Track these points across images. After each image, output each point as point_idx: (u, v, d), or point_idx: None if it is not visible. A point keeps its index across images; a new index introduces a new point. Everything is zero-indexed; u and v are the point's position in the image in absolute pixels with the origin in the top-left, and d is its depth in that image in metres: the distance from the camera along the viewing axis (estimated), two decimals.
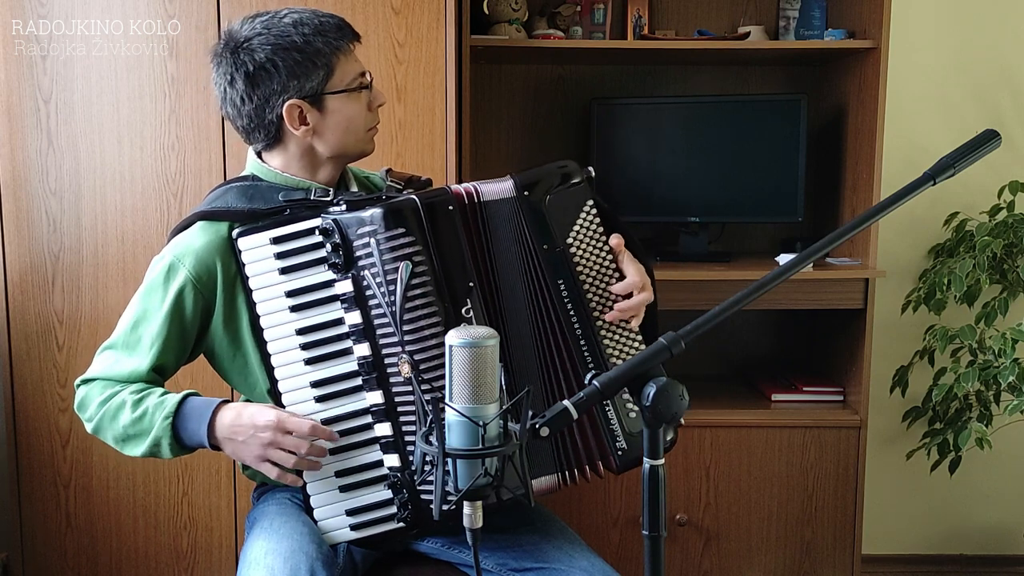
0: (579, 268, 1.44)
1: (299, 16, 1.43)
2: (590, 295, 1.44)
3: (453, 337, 1.00)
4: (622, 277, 1.45)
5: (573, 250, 1.44)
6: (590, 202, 1.46)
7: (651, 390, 1.02)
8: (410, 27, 2.11)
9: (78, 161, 2.14)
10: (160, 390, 1.42)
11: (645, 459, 1.04)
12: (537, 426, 1.01)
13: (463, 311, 1.37)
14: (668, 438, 1.40)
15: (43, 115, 2.13)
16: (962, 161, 1.18)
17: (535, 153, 2.74)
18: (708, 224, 2.59)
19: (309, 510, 1.42)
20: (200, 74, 2.12)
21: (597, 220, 1.46)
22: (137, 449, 1.41)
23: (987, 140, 1.20)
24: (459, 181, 2.19)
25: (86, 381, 1.47)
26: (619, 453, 1.43)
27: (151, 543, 2.24)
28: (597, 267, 1.45)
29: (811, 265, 1.86)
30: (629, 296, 1.44)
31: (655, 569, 1.05)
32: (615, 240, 1.45)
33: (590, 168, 1.47)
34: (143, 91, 2.13)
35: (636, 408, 1.40)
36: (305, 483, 1.41)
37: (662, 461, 1.04)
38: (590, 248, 1.45)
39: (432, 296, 1.35)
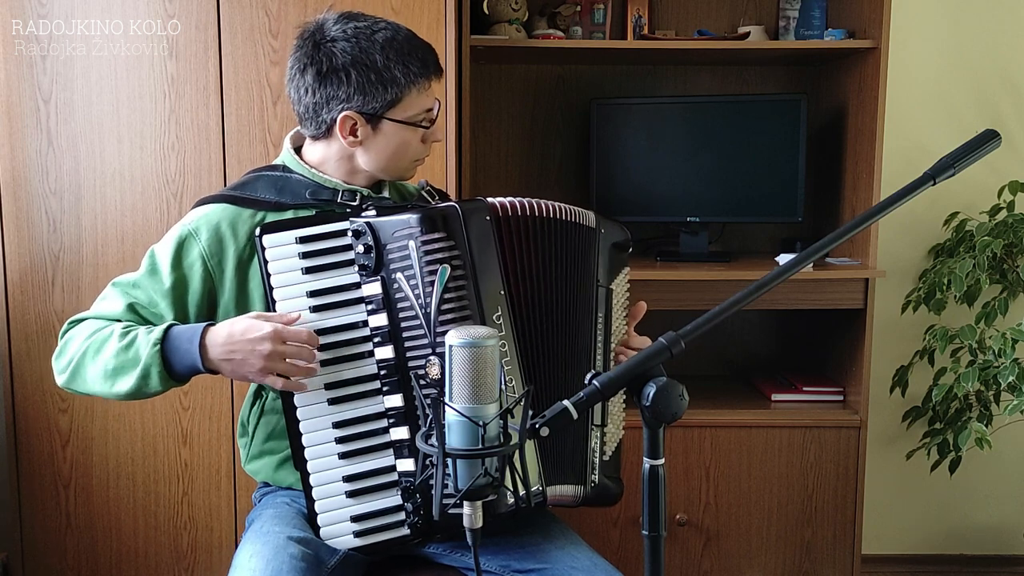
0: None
1: (392, 35, 1.45)
2: (612, 339, 1.52)
3: (453, 337, 1.00)
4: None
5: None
6: (627, 268, 1.59)
7: (651, 390, 1.02)
8: (410, 27, 2.10)
9: (78, 161, 2.14)
10: (148, 326, 1.42)
11: (645, 459, 1.04)
12: (537, 426, 1.01)
13: (494, 317, 1.38)
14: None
15: (43, 115, 2.13)
16: (962, 161, 1.18)
17: (535, 153, 2.74)
18: (708, 224, 2.59)
19: (313, 515, 1.41)
20: (200, 74, 2.12)
21: (628, 285, 1.59)
22: (125, 383, 1.37)
23: (987, 140, 1.20)
24: (459, 180, 2.20)
25: (75, 322, 1.47)
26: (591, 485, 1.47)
27: (151, 543, 2.24)
28: (616, 322, 1.55)
29: (811, 265, 1.87)
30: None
31: (655, 569, 1.05)
32: (641, 305, 1.58)
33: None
34: (143, 91, 2.13)
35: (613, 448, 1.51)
36: (311, 487, 1.40)
37: (662, 461, 1.04)
38: (618, 304, 1.55)
39: (466, 300, 1.36)
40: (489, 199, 1.44)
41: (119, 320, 1.44)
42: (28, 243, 2.16)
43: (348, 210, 1.48)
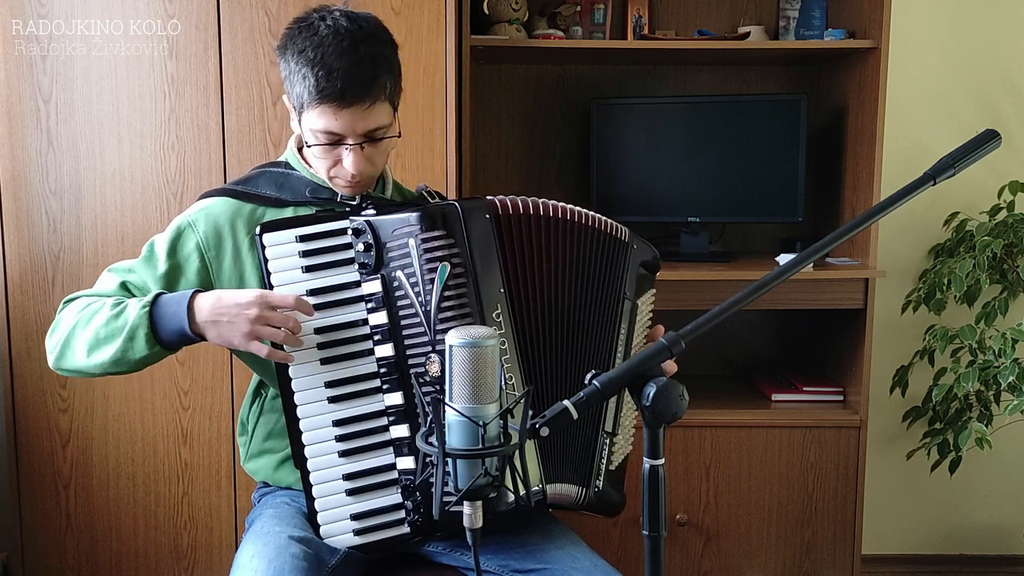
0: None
1: (325, 43, 1.38)
2: (631, 353, 1.53)
3: (453, 337, 1.00)
4: None
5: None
6: (653, 290, 1.59)
7: (651, 390, 1.02)
8: (410, 27, 2.11)
9: (78, 161, 2.14)
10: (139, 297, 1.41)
11: (645, 459, 1.04)
12: (537, 426, 1.01)
13: (493, 315, 1.38)
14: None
15: (43, 115, 2.13)
16: (962, 161, 1.18)
17: (535, 153, 2.74)
18: (708, 224, 2.59)
19: (313, 514, 1.41)
20: (200, 74, 2.12)
21: (652, 306, 1.59)
22: (107, 351, 1.36)
23: (987, 140, 1.20)
24: (459, 180, 2.19)
25: (68, 301, 1.46)
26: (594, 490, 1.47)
27: (151, 543, 2.24)
28: (637, 338, 1.55)
29: (811, 265, 1.87)
30: None
31: (655, 569, 1.05)
32: (659, 327, 1.59)
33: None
34: (143, 91, 2.13)
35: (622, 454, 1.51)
36: (311, 485, 1.40)
37: (662, 461, 1.04)
38: (640, 322, 1.55)
39: (466, 298, 1.36)
40: (489, 197, 1.44)
41: (111, 296, 1.44)
42: (28, 243, 2.16)
43: (348, 208, 1.48)
